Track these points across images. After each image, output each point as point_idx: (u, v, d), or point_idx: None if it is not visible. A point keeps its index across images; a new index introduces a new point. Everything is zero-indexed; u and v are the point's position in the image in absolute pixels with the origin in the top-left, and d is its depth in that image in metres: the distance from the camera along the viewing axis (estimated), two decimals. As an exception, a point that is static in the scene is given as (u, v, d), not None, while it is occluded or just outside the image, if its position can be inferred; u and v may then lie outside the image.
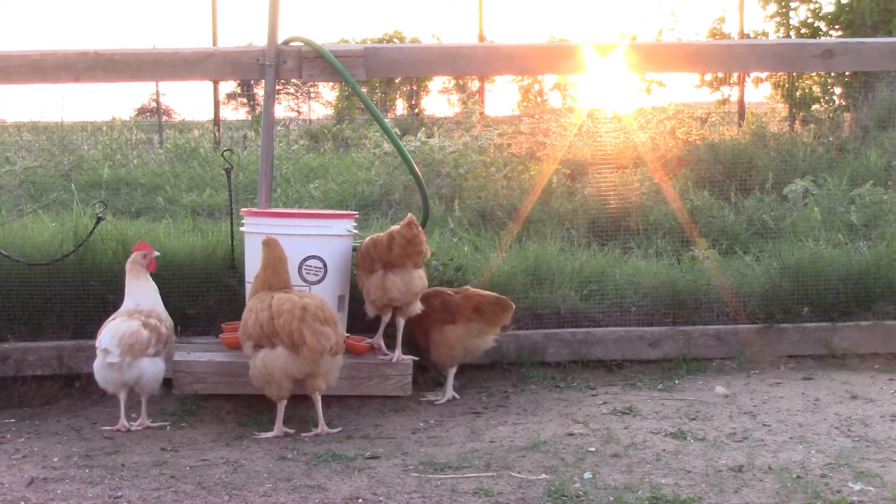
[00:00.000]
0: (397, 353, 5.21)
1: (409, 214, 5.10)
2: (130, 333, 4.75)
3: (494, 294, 5.37)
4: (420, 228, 5.11)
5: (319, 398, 4.75)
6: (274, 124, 6.03)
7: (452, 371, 5.40)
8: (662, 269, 6.42)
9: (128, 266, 5.04)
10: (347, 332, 5.41)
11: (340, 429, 4.83)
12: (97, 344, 4.76)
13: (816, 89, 14.36)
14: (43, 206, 8.31)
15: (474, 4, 15.39)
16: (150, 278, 5.06)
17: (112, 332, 4.74)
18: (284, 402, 4.74)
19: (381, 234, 5.23)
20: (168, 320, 5.02)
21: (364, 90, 5.93)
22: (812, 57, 6.03)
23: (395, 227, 5.12)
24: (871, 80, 11.36)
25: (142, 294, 5.01)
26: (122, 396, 4.86)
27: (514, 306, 5.34)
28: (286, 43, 5.73)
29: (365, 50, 5.73)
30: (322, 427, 4.76)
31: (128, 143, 13.35)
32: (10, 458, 4.45)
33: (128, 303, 5.00)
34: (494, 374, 5.67)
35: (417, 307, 5.25)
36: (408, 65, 6.01)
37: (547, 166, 9.03)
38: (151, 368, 4.82)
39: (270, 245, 4.91)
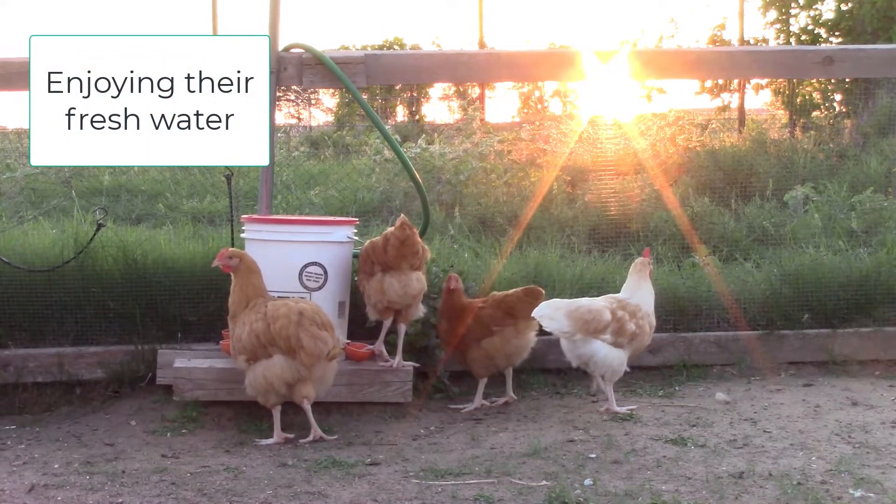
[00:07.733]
0: (398, 360, 5.21)
1: (402, 216, 5.12)
2: (588, 310, 5.02)
3: (519, 289, 5.29)
4: (414, 229, 5.11)
5: (308, 406, 4.71)
6: (274, 131, 6.03)
7: (483, 381, 5.37)
8: (663, 275, 6.41)
9: (634, 266, 5.35)
10: (348, 338, 5.41)
11: (337, 436, 4.83)
12: None
13: (817, 96, 14.39)
14: (43, 212, 8.29)
15: (475, 11, 15.41)
16: (650, 282, 5.33)
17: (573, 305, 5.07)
18: (279, 407, 4.74)
19: (378, 237, 5.25)
20: (647, 323, 5.22)
21: (364, 97, 5.93)
22: (812, 64, 6.04)
23: (390, 229, 5.14)
24: (871, 86, 11.37)
25: (632, 291, 5.28)
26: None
27: (543, 291, 5.24)
28: (287, 49, 5.74)
29: (365, 56, 5.74)
30: (315, 431, 4.75)
31: (129, 149, 13.29)
32: (10, 465, 4.45)
33: (621, 294, 5.30)
34: (495, 380, 5.65)
35: (419, 311, 5.25)
36: (408, 71, 6.02)
37: (547, 173, 9.02)
38: (604, 352, 5.09)
39: (244, 260, 4.81)
